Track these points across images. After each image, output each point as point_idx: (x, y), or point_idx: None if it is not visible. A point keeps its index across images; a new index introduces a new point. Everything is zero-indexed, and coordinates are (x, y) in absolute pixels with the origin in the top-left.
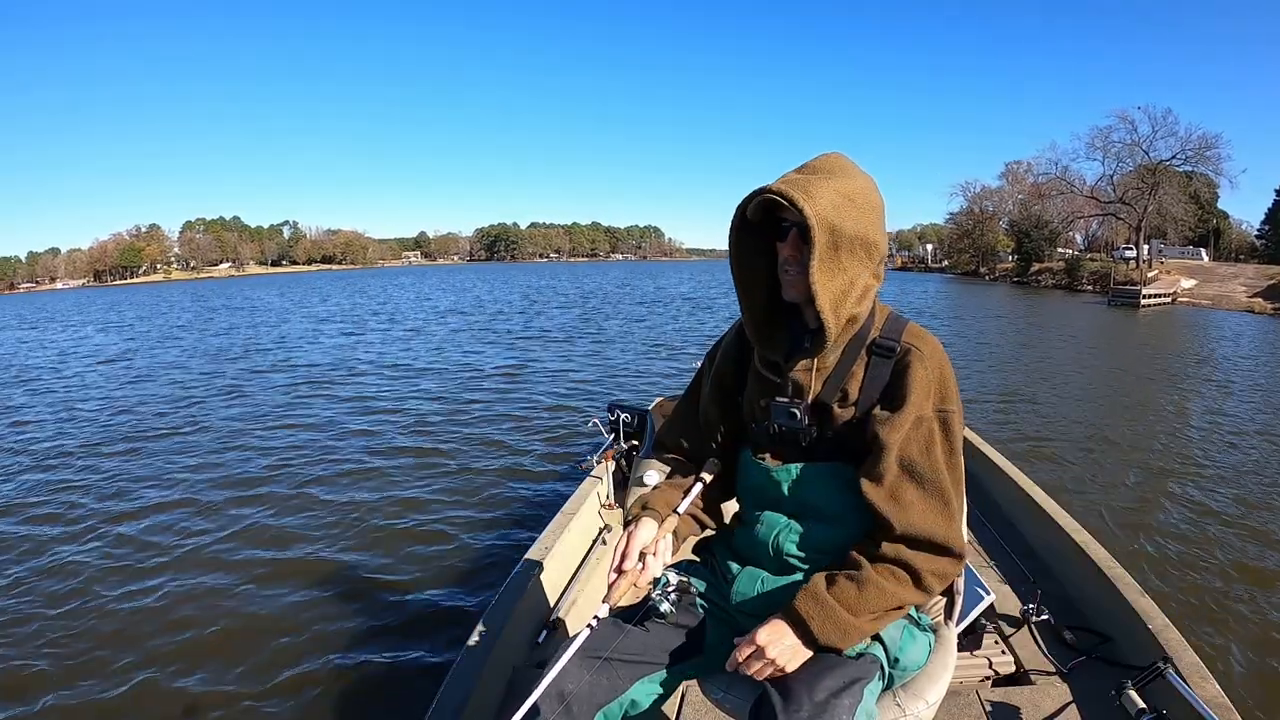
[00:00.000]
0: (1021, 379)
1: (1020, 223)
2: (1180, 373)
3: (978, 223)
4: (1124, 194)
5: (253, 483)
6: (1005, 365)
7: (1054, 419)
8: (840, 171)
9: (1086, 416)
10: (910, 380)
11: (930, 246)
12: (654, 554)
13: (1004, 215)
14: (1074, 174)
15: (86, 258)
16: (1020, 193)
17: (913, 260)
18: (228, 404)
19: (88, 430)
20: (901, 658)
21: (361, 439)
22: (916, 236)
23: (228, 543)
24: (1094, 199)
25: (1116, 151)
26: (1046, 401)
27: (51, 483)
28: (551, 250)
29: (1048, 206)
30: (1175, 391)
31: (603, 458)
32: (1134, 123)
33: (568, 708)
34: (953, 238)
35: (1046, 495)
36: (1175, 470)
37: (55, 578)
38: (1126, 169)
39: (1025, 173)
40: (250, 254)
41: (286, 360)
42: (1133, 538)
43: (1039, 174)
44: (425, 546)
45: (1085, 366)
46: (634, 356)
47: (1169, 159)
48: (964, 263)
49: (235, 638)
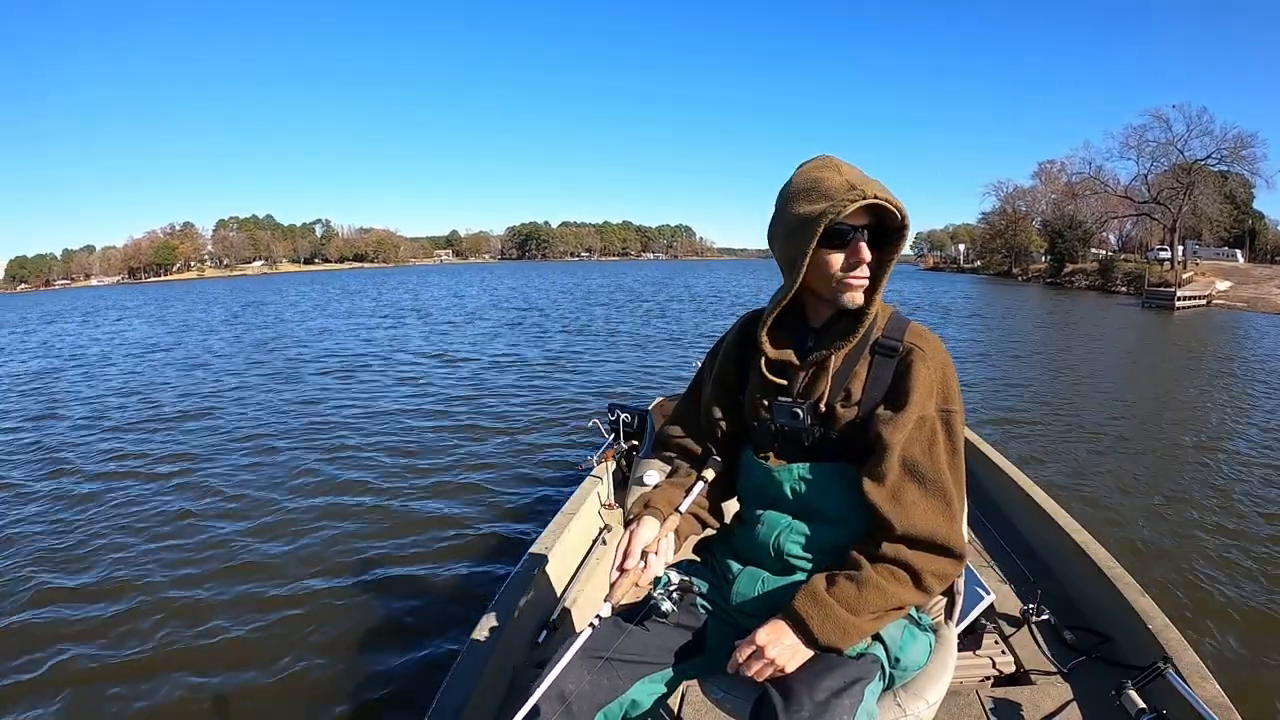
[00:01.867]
0: (1049, 381)
1: (1053, 223)
2: (1210, 376)
3: (1010, 223)
4: (1158, 194)
5: (251, 481)
6: (1033, 368)
7: (1075, 419)
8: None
9: (1108, 417)
10: (913, 380)
11: (962, 247)
12: (656, 553)
13: (1037, 215)
14: (1108, 173)
15: (121, 255)
16: (1053, 192)
17: (945, 260)
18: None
19: (119, 412)
20: (902, 658)
21: (362, 439)
22: (949, 236)
23: (226, 541)
24: (1128, 199)
25: (1151, 151)
26: (1069, 401)
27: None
28: (583, 249)
29: (1081, 206)
30: (1202, 394)
31: (603, 458)
32: (1169, 121)
33: (568, 708)
34: (985, 238)
35: (1046, 495)
36: (1186, 472)
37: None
38: (1161, 168)
39: (1059, 172)
40: (283, 252)
41: (297, 356)
42: (1133, 537)
43: (1072, 173)
44: (425, 547)
45: (1116, 369)
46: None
47: (1204, 158)
48: (996, 263)
49: (234, 636)
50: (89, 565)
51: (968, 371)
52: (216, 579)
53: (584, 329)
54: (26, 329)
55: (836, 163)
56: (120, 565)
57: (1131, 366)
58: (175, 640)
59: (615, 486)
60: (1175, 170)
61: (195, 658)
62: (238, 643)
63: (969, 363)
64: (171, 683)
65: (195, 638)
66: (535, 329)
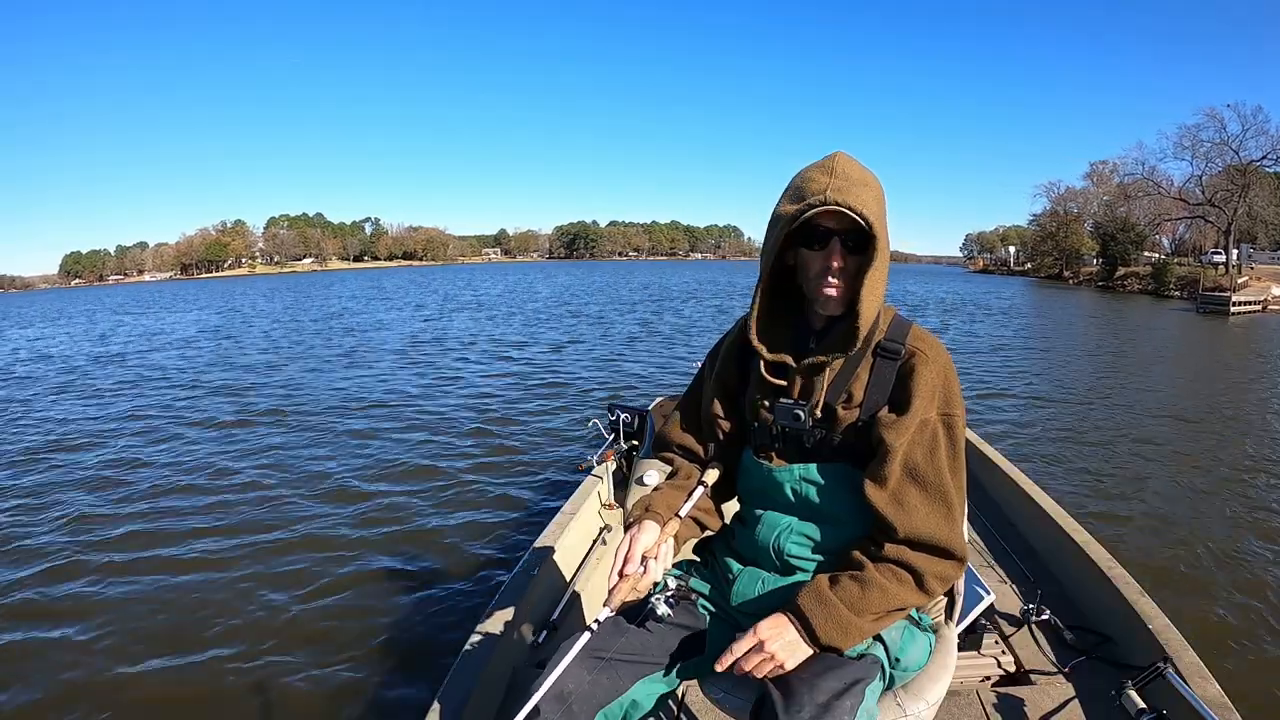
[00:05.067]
0: (1096, 384)
1: (1105, 225)
2: (1268, 385)
3: (1061, 224)
4: (1212, 196)
5: (245, 478)
6: (1083, 373)
7: (1120, 423)
8: (869, 180)
9: (1153, 418)
10: (915, 383)
11: (1013, 249)
12: (655, 558)
13: (1088, 217)
14: (1161, 174)
15: (173, 252)
16: (1105, 194)
17: (995, 263)
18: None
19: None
20: (902, 658)
21: (361, 438)
22: (999, 239)
23: (223, 537)
24: (1181, 201)
25: (1205, 151)
26: (1116, 406)
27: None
28: (631, 249)
29: (1134, 208)
30: (1259, 404)
31: (603, 458)
32: (1223, 121)
33: (568, 708)
34: (1036, 240)
35: (1046, 495)
36: (1200, 476)
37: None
38: (1215, 169)
39: (1111, 173)
40: (333, 249)
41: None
42: (1133, 537)
43: (1125, 174)
44: (425, 547)
45: (1169, 376)
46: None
47: (1259, 159)
48: (1047, 266)
49: (232, 634)
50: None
51: (1013, 375)
52: (209, 575)
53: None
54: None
55: (835, 163)
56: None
57: (1183, 373)
58: (174, 639)
59: (615, 486)
60: (1229, 171)
61: (192, 654)
62: (235, 641)
63: (1012, 365)
64: (168, 680)
65: (190, 635)
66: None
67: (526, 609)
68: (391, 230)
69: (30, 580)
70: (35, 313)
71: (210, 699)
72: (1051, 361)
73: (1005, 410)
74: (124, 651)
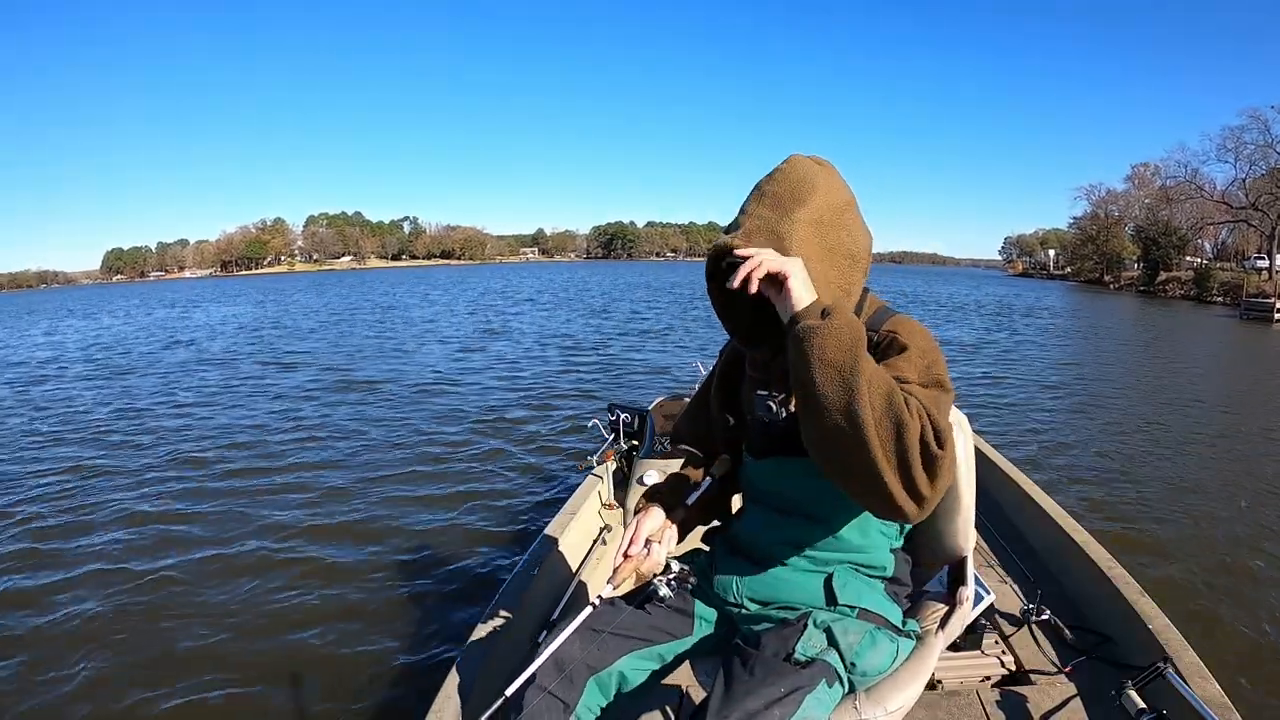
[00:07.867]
0: (1135, 388)
1: (1147, 228)
2: None
3: (1102, 228)
4: (1256, 199)
5: (243, 475)
6: (1123, 377)
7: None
8: (805, 192)
9: (1191, 424)
10: (891, 361)
11: (1052, 252)
12: (659, 542)
13: (1130, 220)
14: (1204, 177)
15: (213, 249)
16: (1146, 197)
17: (1034, 266)
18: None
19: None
20: (859, 663)
21: (362, 438)
22: (1038, 242)
23: (221, 537)
24: (1224, 204)
25: (1249, 154)
26: (1152, 410)
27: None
28: (668, 249)
29: (1175, 212)
30: None
31: (603, 458)
32: (1267, 123)
33: (566, 676)
34: (1075, 243)
35: (1047, 495)
36: (1206, 479)
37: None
38: (1259, 172)
39: (1153, 176)
40: (371, 248)
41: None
42: (1134, 537)
43: (1167, 177)
44: (424, 547)
45: (1210, 384)
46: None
47: None
48: (1087, 270)
49: (232, 633)
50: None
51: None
52: (208, 571)
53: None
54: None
55: (776, 188)
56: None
57: (1218, 378)
58: (174, 635)
59: (615, 486)
60: (1273, 174)
61: (192, 653)
62: (235, 640)
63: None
64: (166, 677)
65: (190, 634)
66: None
67: (526, 609)
68: (429, 229)
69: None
70: (120, 305)
71: (207, 695)
72: (1087, 368)
73: (1031, 413)
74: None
